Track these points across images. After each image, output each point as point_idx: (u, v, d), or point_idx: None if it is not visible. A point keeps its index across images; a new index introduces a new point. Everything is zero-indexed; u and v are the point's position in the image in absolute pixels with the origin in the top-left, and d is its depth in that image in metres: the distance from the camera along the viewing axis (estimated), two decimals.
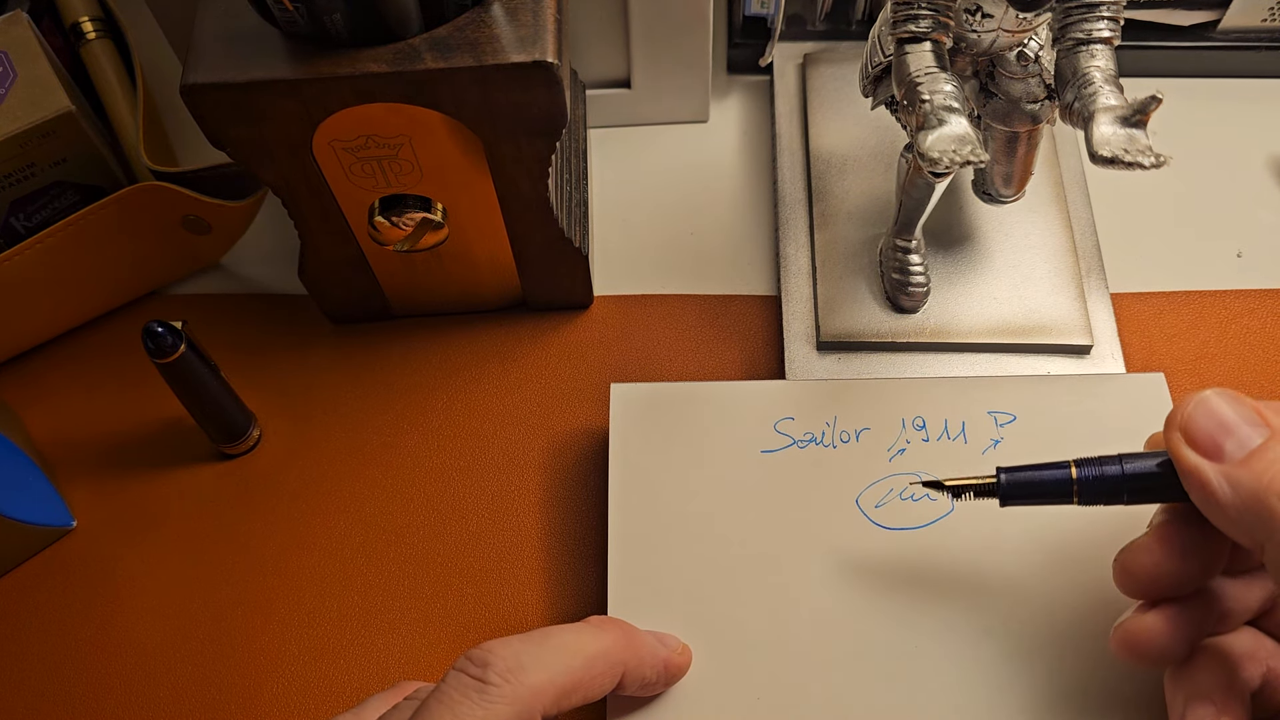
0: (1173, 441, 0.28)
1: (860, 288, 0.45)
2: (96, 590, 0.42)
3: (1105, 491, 0.31)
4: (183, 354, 0.38)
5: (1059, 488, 0.32)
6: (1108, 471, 0.31)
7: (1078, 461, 0.31)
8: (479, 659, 0.28)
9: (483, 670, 0.28)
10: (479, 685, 0.28)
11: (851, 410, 0.41)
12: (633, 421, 0.41)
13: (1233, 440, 0.27)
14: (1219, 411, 0.28)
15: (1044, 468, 0.32)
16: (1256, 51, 0.52)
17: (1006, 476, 0.32)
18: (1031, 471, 0.32)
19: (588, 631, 0.32)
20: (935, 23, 0.34)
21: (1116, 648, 0.31)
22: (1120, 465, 0.31)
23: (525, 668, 0.28)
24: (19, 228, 0.45)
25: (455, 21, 0.35)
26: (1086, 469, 0.31)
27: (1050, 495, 0.32)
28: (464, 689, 0.28)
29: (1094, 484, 0.31)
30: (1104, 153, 0.32)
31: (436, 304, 0.47)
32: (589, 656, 0.30)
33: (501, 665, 0.28)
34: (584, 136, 0.50)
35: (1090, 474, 0.31)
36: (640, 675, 0.33)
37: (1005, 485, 0.32)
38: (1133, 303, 0.46)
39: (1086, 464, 0.31)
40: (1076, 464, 0.31)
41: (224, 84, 0.34)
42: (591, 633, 0.31)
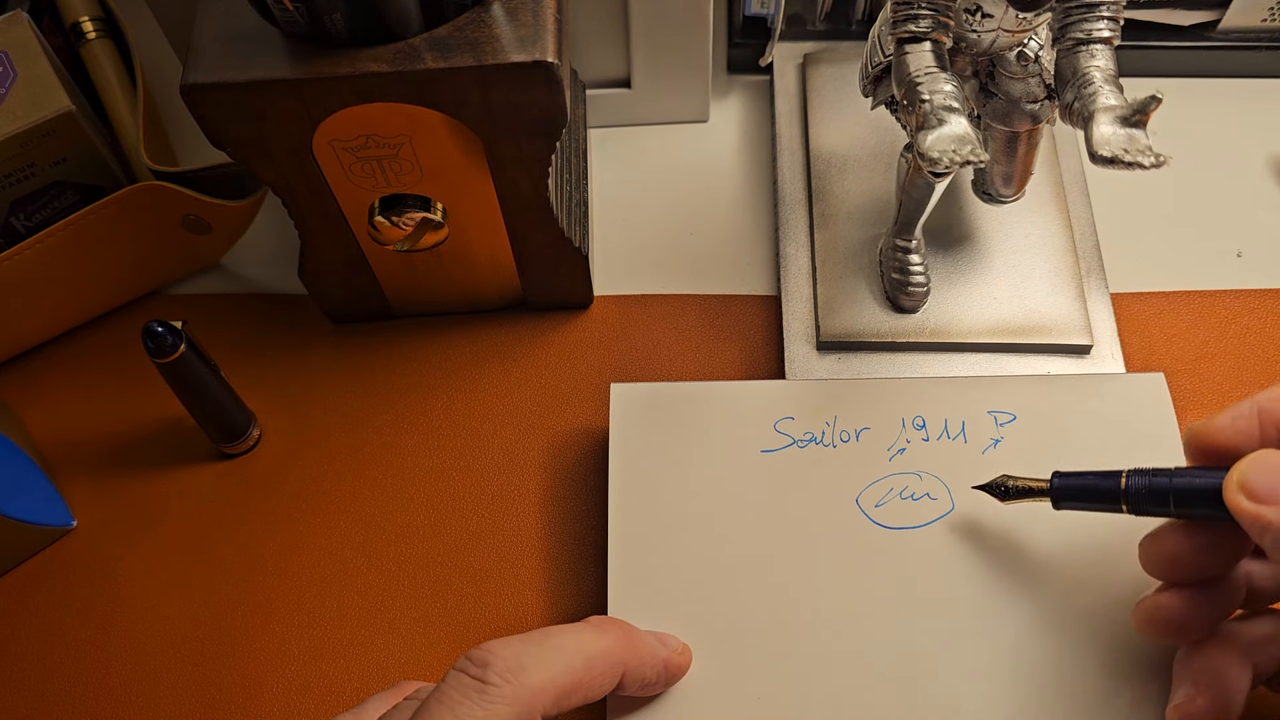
0: (1233, 499, 0.29)
1: (860, 288, 0.45)
2: (96, 590, 0.42)
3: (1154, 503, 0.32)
4: (183, 354, 0.38)
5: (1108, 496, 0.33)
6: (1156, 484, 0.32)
7: (1130, 472, 0.32)
8: (479, 659, 0.28)
9: (483, 670, 0.28)
10: (479, 685, 0.28)
11: (851, 410, 0.41)
12: (633, 421, 0.41)
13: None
14: (1276, 465, 0.29)
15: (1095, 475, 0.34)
16: (1256, 51, 0.52)
17: (1059, 481, 0.34)
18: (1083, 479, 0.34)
19: (588, 632, 0.32)
20: (935, 22, 0.34)
21: (1137, 623, 0.33)
22: (1170, 479, 0.32)
23: (526, 668, 0.28)
24: (19, 227, 0.45)
25: (455, 21, 0.35)
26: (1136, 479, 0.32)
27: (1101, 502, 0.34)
28: (464, 689, 0.27)
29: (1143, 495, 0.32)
30: (1104, 153, 0.32)
31: (436, 304, 0.47)
32: (589, 657, 0.30)
33: (502, 665, 0.28)
34: (584, 136, 0.50)
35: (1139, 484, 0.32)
36: (640, 675, 0.33)
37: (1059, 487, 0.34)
38: (1132, 303, 0.46)
39: (1137, 474, 0.32)
40: (1128, 474, 0.32)
41: (224, 84, 0.34)
42: (592, 633, 0.32)
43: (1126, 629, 0.36)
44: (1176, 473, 0.32)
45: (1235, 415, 0.31)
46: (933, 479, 0.39)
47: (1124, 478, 0.32)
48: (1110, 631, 0.36)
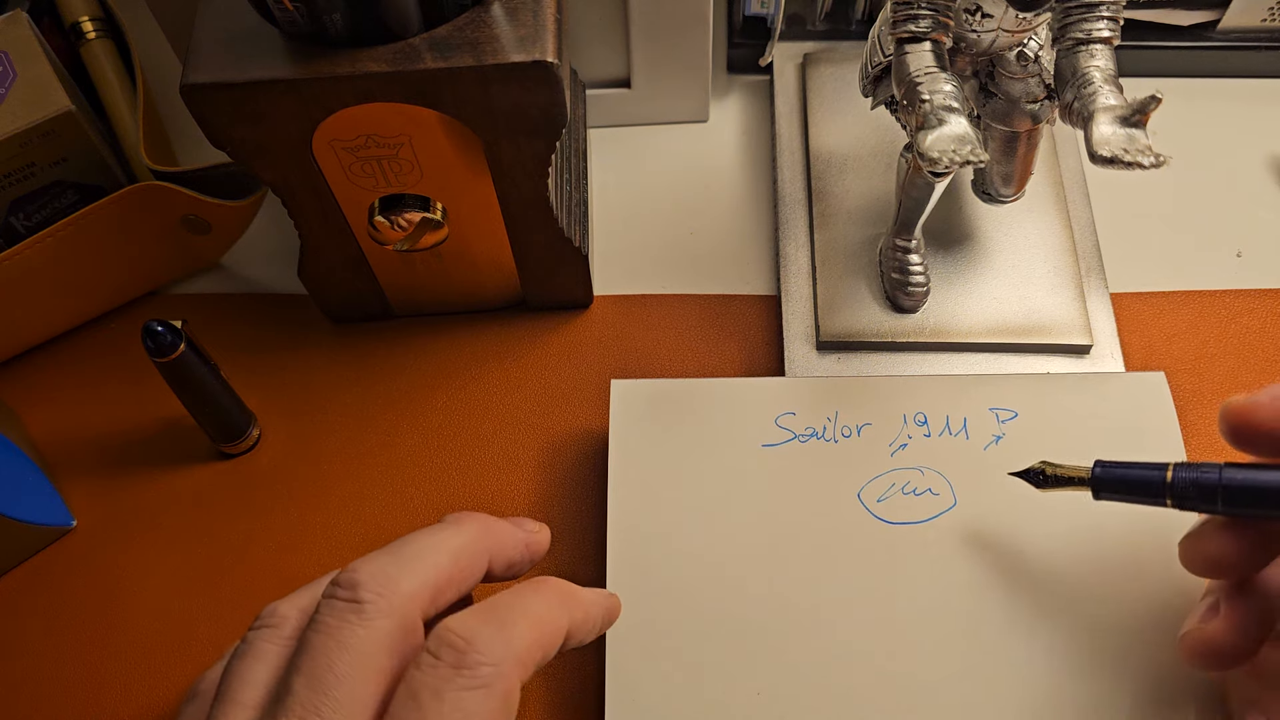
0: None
1: (860, 287, 0.45)
2: (96, 590, 0.42)
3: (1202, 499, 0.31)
4: (182, 353, 0.38)
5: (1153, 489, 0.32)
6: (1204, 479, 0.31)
7: (1177, 465, 0.32)
8: (347, 581, 0.28)
9: (353, 590, 0.28)
10: (354, 606, 0.27)
11: (852, 406, 0.41)
12: (633, 418, 0.41)
13: None
14: None
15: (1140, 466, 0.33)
16: (1256, 51, 0.52)
17: (1101, 471, 0.34)
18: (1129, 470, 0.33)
19: (447, 529, 0.31)
20: (935, 22, 0.34)
21: (1188, 658, 0.32)
22: (1219, 475, 0.31)
23: (394, 577, 0.28)
24: (19, 227, 0.45)
25: (455, 21, 0.35)
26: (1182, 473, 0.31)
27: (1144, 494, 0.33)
28: (340, 613, 0.27)
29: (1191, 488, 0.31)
30: (1104, 152, 0.32)
31: (436, 304, 0.47)
32: (453, 552, 0.30)
33: (371, 581, 0.28)
34: (584, 136, 0.50)
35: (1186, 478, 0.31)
36: (505, 559, 0.33)
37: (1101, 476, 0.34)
38: (1132, 302, 0.46)
39: (1184, 468, 0.32)
40: (1175, 468, 0.32)
41: (224, 84, 0.34)
42: (451, 529, 0.31)
43: (1129, 621, 0.36)
44: (1226, 468, 0.31)
45: (1275, 395, 0.30)
46: (935, 474, 0.39)
47: (1170, 470, 0.32)
48: (1113, 624, 0.36)
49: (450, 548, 0.30)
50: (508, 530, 0.33)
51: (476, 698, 0.26)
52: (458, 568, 0.30)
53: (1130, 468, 0.33)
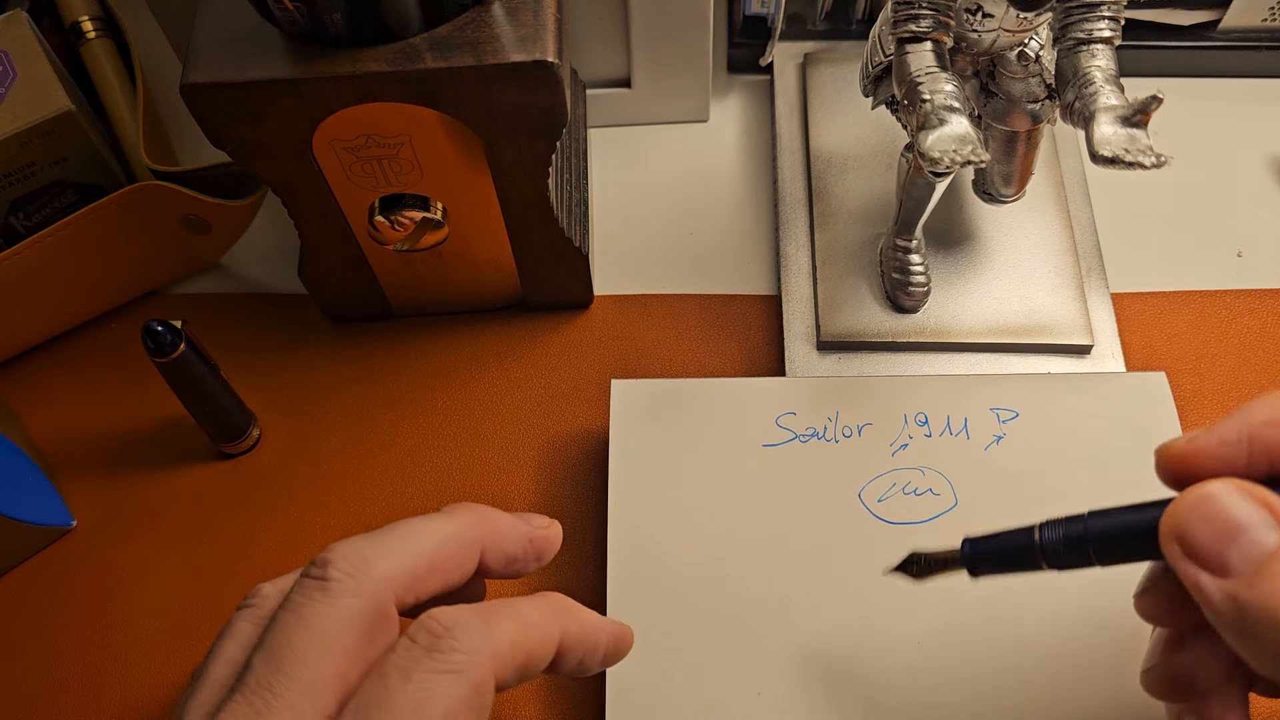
0: (1170, 552, 0.25)
1: (861, 287, 0.45)
2: (96, 590, 0.42)
3: (1073, 557, 0.28)
4: (182, 353, 0.38)
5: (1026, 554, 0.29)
6: (1070, 532, 0.28)
7: (1043, 525, 0.29)
8: (320, 560, 0.27)
9: (324, 569, 0.27)
10: (321, 584, 0.27)
11: (853, 406, 0.41)
12: (633, 417, 0.41)
13: (1237, 549, 0.24)
14: (1223, 513, 0.24)
15: (1007, 535, 0.30)
16: (1257, 51, 0.52)
17: (971, 548, 0.30)
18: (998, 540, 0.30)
19: (437, 517, 0.30)
20: (936, 22, 0.34)
21: (1153, 692, 0.30)
22: (1083, 525, 0.28)
23: (369, 559, 0.27)
24: (19, 227, 0.45)
25: (455, 21, 0.35)
26: (1049, 531, 0.28)
27: (1021, 561, 0.29)
28: (307, 591, 0.27)
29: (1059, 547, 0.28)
30: (1105, 153, 0.32)
31: (436, 304, 0.47)
32: (438, 540, 0.29)
33: (344, 562, 0.27)
34: (584, 136, 0.50)
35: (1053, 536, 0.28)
36: (502, 551, 0.31)
37: (972, 554, 0.30)
38: (1133, 302, 0.46)
39: (1049, 526, 0.28)
40: (1041, 528, 0.29)
41: (224, 83, 0.34)
42: (441, 518, 0.30)
43: (1130, 620, 0.36)
44: (1092, 516, 0.28)
45: (1221, 439, 0.26)
46: (936, 474, 0.39)
47: (1037, 531, 0.28)
48: (1113, 623, 0.36)
49: (436, 535, 0.29)
50: (507, 522, 0.32)
51: (445, 681, 0.25)
52: (442, 555, 0.29)
53: (998, 538, 0.30)
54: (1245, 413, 0.26)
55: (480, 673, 0.26)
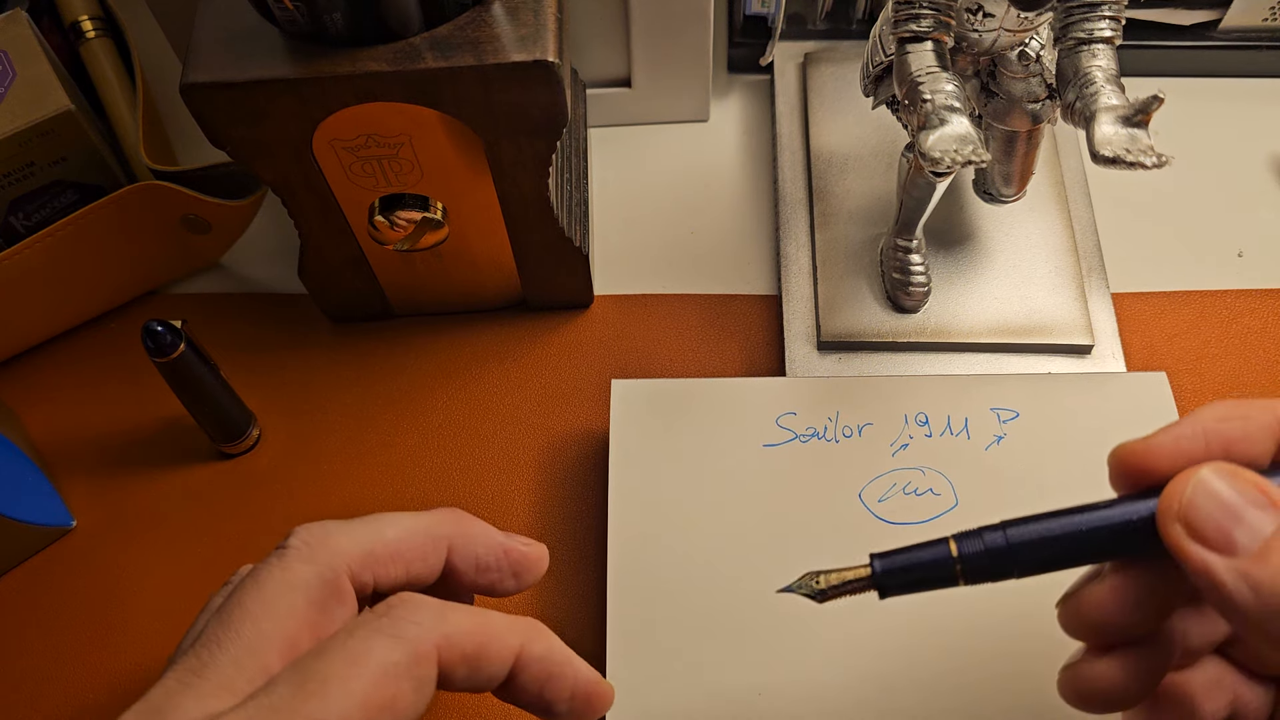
0: (1174, 535, 0.24)
1: (861, 287, 0.45)
2: (96, 590, 0.42)
3: (993, 569, 0.27)
4: (182, 353, 0.38)
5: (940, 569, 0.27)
6: (990, 543, 0.26)
7: (956, 536, 0.27)
8: (286, 534, 0.28)
9: (285, 540, 0.28)
10: (279, 552, 0.28)
11: (853, 406, 0.41)
12: (633, 417, 0.41)
13: (1243, 528, 0.23)
14: (1221, 494, 0.24)
15: (919, 549, 0.27)
16: (1257, 51, 0.52)
17: (881, 564, 0.27)
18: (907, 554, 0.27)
19: (411, 511, 0.31)
20: (937, 22, 0.34)
21: (1066, 694, 0.28)
22: (1004, 534, 0.26)
23: (329, 533, 0.28)
24: (18, 227, 0.45)
25: (456, 21, 0.35)
26: (967, 544, 0.27)
27: (934, 579, 0.27)
28: (267, 560, 0.27)
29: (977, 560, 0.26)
30: (1106, 153, 0.32)
31: (436, 304, 0.47)
32: (403, 527, 0.30)
33: (304, 532, 0.28)
34: (584, 135, 0.50)
35: (971, 549, 0.26)
36: (472, 554, 0.31)
37: (881, 574, 0.27)
38: (1134, 302, 0.46)
39: (966, 538, 0.27)
40: (957, 539, 0.27)
41: (224, 83, 0.34)
42: (414, 511, 0.31)
43: None
44: (1010, 526, 0.26)
45: (1178, 435, 0.26)
46: (936, 474, 0.39)
47: (953, 544, 0.26)
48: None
49: (402, 522, 0.30)
50: (481, 527, 0.32)
51: (385, 644, 0.25)
52: (405, 543, 0.29)
53: (910, 553, 0.27)
54: (1197, 414, 0.26)
55: (423, 646, 0.26)
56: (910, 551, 0.27)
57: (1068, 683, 0.28)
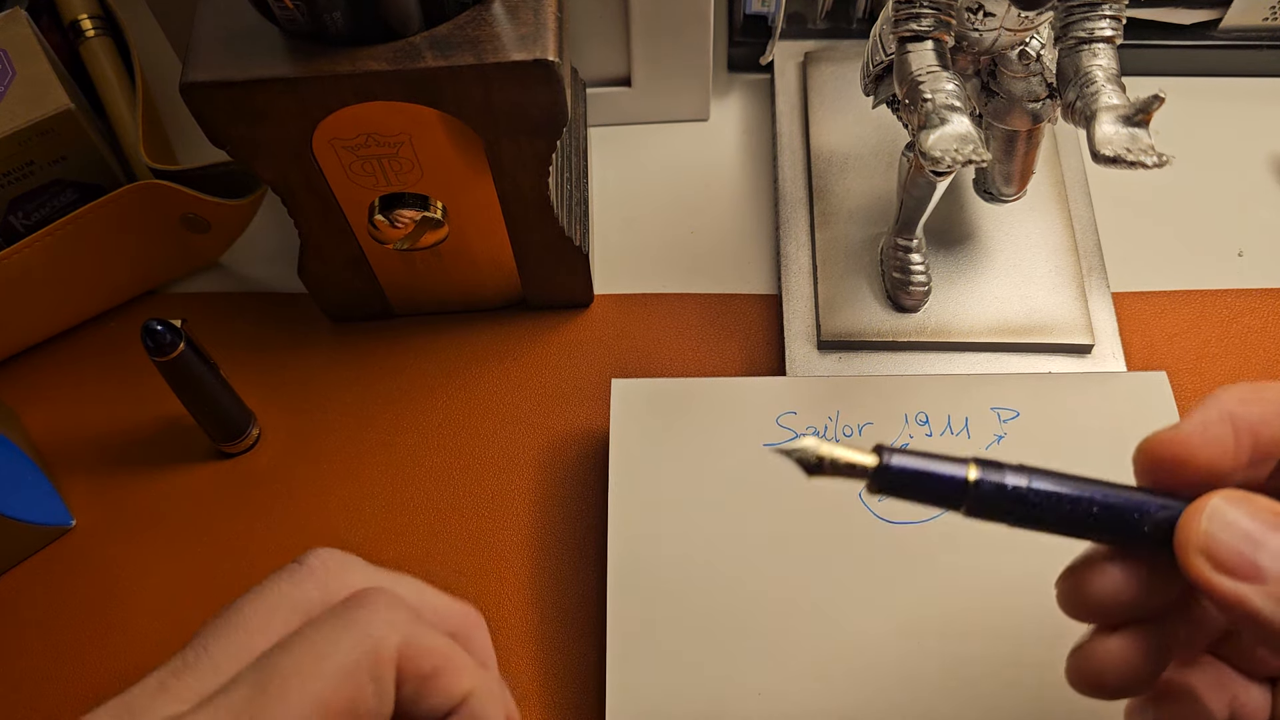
0: (1198, 568, 0.24)
1: (861, 287, 0.45)
2: (95, 589, 0.42)
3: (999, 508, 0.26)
4: (182, 352, 0.38)
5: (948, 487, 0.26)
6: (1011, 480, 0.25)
7: (980, 461, 0.26)
8: (304, 554, 0.27)
9: (302, 557, 0.27)
10: (292, 567, 0.27)
11: (854, 405, 0.41)
12: (633, 417, 0.41)
13: (1266, 554, 0.23)
14: (1239, 523, 0.24)
15: (936, 458, 0.26)
16: (1258, 50, 0.52)
17: (891, 459, 0.26)
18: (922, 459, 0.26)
19: (435, 590, 0.29)
20: (937, 21, 0.34)
21: (1076, 678, 0.27)
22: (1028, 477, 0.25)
23: (348, 569, 0.27)
24: (18, 226, 0.45)
25: (456, 20, 0.35)
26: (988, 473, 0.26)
27: (936, 494, 0.26)
28: (278, 571, 0.27)
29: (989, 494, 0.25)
30: (1106, 152, 0.32)
31: (436, 303, 0.47)
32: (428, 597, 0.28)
33: (325, 559, 0.27)
34: (584, 135, 0.49)
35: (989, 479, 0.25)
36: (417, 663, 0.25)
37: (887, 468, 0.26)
38: (1134, 302, 0.46)
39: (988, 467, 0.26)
40: (978, 463, 0.26)
41: (223, 82, 0.34)
42: (439, 591, 0.29)
43: None
44: (1034, 474, 0.26)
45: (1204, 422, 0.25)
46: None
47: (974, 467, 0.25)
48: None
49: (429, 593, 0.28)
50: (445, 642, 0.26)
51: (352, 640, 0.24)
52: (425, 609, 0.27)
53: (924, 460, 0.26)
54: (1218, 397, 0.26)
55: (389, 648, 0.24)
56: (926, 458, 0.25)
57: (1076, 666, 0.27)
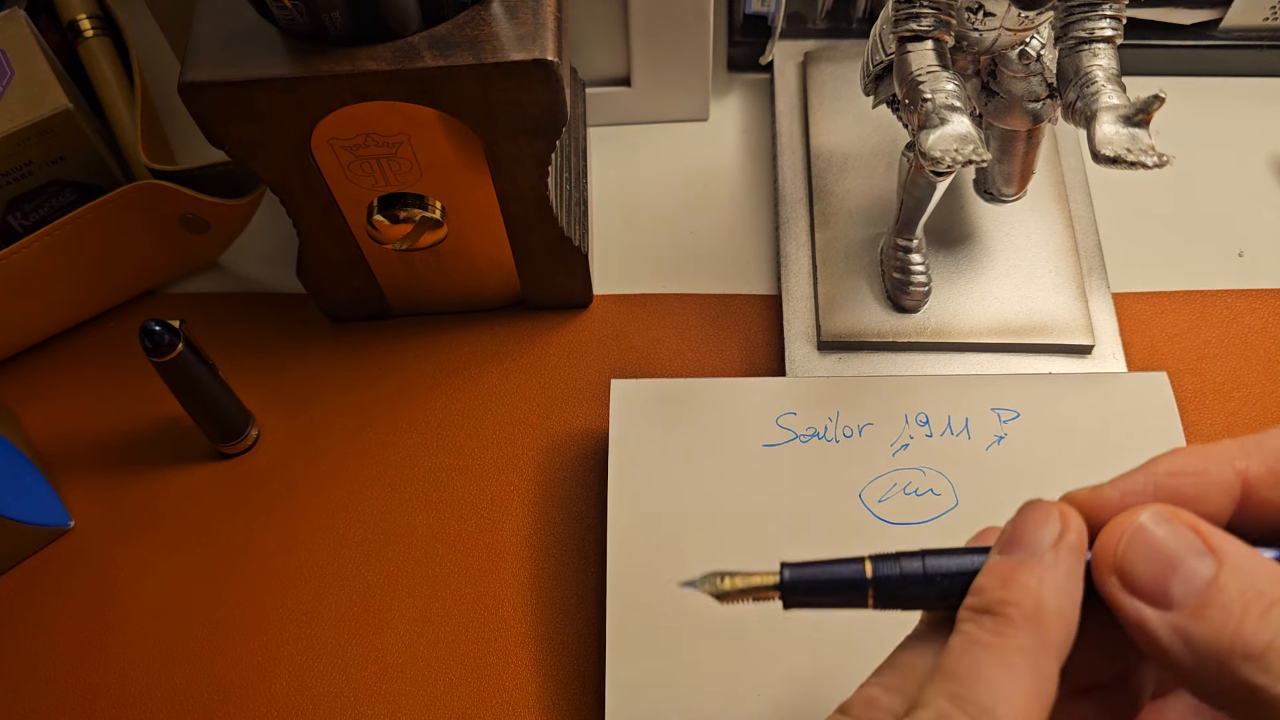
0: (1109, 588, 0.23)
1: (861, 287, 0.45)
2: (94, 590, 0.42)
3: (906, 595, 0.26)
4: (180, 353, 0.38)
5: (851, 587, 0.26)
6: (907, 569, 0.26)
7: (873, 558, 0.26)
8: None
9: None
10: None
11: (854, 406, 0.41)
12: (633, 417, 0.41)
13: (1178, 579, 0.22)
14: (1157, 543, 0.23)
15: (833, 565, 0.26)
16: (1258, 50, 0.52)
17: (791, 573, 0.26)
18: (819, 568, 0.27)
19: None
20: (937, 21, 0.34)
21: None
22: (922, 562, 0.25)
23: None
24: (16, 226, 0.45)
25: (455, 19, 0.35)
26: (884, 566, 0.26)
27: (840, 596, 0.26)
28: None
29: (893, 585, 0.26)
30: (1107, 152, 0.31)
31: (435, 303, 0.47)
32: None
33: None
34: (584, 135, 0.49)
35: (888, 573, 0.26)
36: None
37: (791, 582, 0.26)
38: (1134, 302, 0.46)
39: (884, 560, 0.26)
40: (872, 560, 0.26)
41: (222, 82, 0.34)
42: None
43: None
44: (929, 555, 0.26)
45: (1125, 490, 0.24)
46: (936, 475, 0.39)
47: (869, 566, 0.26)
48: None
49: None
50: None
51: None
52: None
53: (822, 568, 0.26)
54: (1152, 465, 0.25)
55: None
56: (823, 566, 0.26)
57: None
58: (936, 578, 0.25)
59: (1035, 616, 0.23)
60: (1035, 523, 0.25)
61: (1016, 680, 0.23)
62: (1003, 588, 0.24)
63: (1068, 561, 0.24)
